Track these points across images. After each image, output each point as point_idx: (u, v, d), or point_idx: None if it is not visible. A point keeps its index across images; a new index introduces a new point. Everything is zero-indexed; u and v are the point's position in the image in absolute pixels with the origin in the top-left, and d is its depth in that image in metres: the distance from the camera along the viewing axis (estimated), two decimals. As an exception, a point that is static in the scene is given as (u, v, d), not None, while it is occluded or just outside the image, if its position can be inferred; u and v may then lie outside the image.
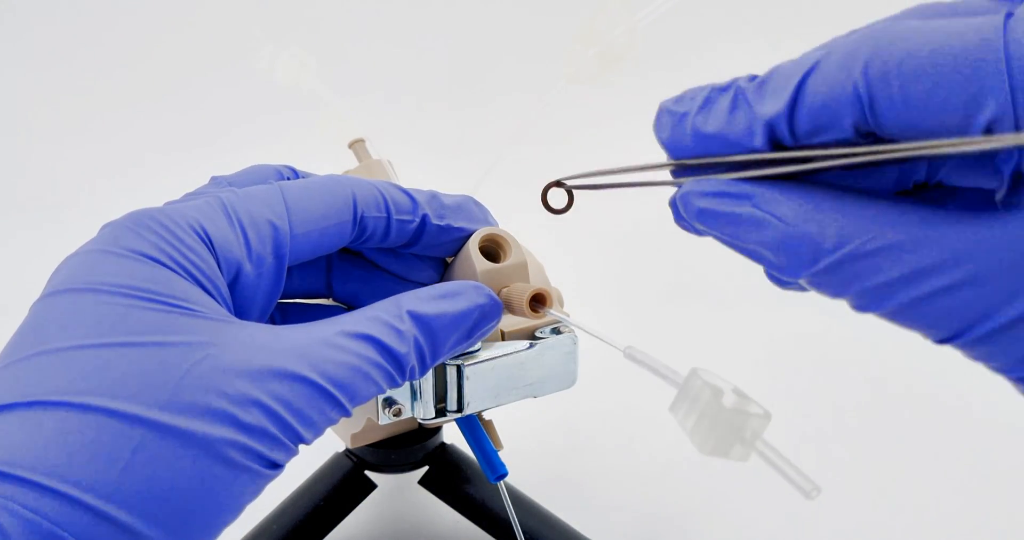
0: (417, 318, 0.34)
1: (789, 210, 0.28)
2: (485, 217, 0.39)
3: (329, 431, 0.44)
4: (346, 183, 0.37)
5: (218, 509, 0.29)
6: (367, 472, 0.50)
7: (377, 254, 0.40)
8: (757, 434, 0.29)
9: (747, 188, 0.29)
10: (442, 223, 0.38)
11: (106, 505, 0.28)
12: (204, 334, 0.31)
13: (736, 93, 0.29)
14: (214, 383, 0.30)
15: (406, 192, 0.38)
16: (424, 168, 0.70)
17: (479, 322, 0.36)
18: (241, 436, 0.30)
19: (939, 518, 0.56)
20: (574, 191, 0.36)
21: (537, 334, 0.42)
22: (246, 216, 0.34)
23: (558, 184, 0.36)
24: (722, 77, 0.30)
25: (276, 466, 0.31)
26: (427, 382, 0.40)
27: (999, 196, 0.27)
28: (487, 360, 0.41)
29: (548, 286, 0.39)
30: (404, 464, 0.50)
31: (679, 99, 0.31)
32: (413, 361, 0.34)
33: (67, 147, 0.93)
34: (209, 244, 0.33)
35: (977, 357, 0.27)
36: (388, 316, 0.34)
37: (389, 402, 0.42)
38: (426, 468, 0.51)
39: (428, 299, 0.35)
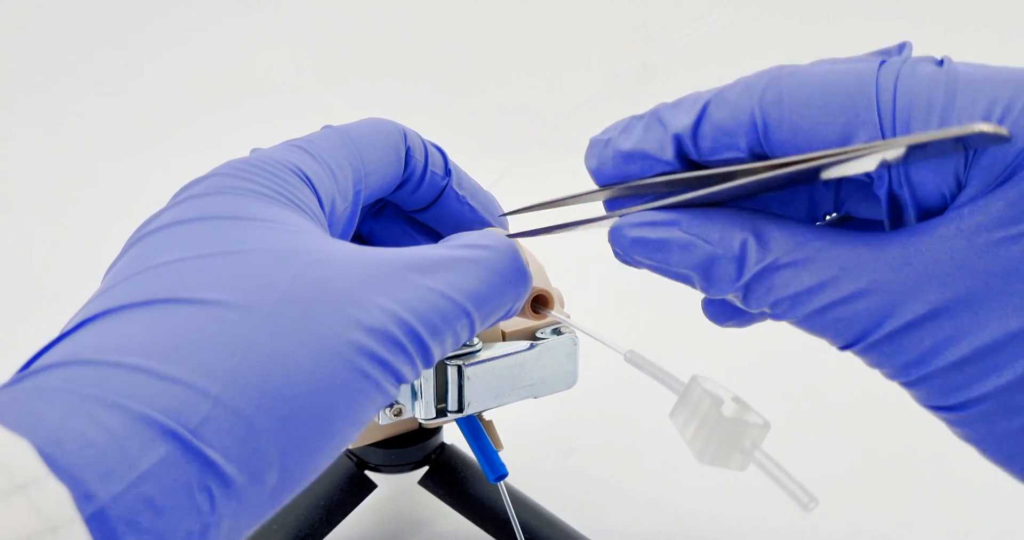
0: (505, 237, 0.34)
1: (713, 232, 0.31)
2: (503, 219, 0.40)
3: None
4: (395, 123, 0.37)
5: (335, 413, 0.27)
6: (367, 472, 0.50)
7: (385, 236, 0.40)
8: (756, 444, 0.29)
9: (673, 216, 0.32)
10: (461, 193, 0.39)
11: (224, 391, 0.25)
12: (318, 245, 0.29)
13: (652, 114, 0.32)
14: (332, 283, 0.28)
15: (438, 148, 0.39)
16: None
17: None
18: (363, 336, 0.28)
19: (942, 532, 0.56)
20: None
21: (538, 335, 0.43)
22: (328, 156, 0.34)
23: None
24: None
25: (397, 379, 0.29)
26: (428, 382, 0.41)
27: (886, 221, 0.30)
28: (488, 360, 0.41)
29: (549, 287, 0.39)
30: (404, 464, 0.50)
31: (605, 130, 0.34)
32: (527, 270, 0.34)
33: (53, 140, 0.93)
34: (307, 181, 0.33)
35: (872, 364, 0.30)
36: (487, 233, 0.34)
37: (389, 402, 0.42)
38: (426, 468, 0.51)
39: (490, 231, 0.35)
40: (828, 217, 0.35)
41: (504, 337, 0.42)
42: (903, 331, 0.29)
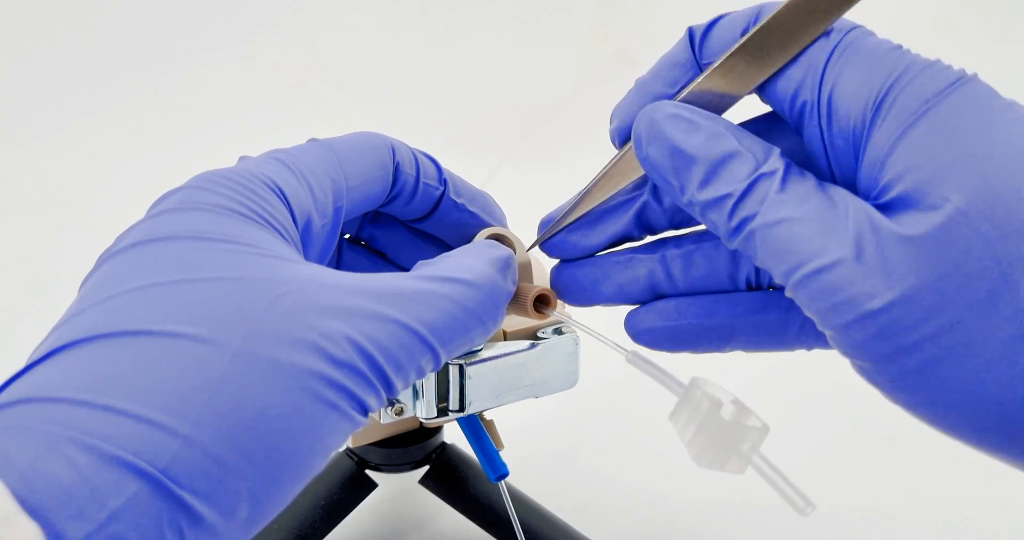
0: (492, 263, 0.34)
1: (744, 136, 0.32)
2: (502, 217, 0.40)
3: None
4: (383, 137, 0.37)
5: (305, 446, 0.28)
6: (368, 471, 0.50)
7: (386, 241, 0.40)
8: (755, 447, 0.29)
9: (713, 115, 0.33)
10: (459, 200, 0.38)
11: (193, 430, 0.26)
12: (288, 273, 0.29)
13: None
14: (300, 316, 0.28)
15: (431, 158, 0.38)
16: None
17: (514, 267, 0.36)
18: (330, 369, 0.28)
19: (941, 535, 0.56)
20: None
21: (539, 334, 0.42)
22: (307, 170, 0.34)
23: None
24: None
25: (364, 410, 0.29)
26: (429, 381, 0.41)
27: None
28: (489, 360, 0.41)
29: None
30: (405, 463, 0.50)
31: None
32: (504, 305, 0.34)
33: (52, 143, 0.93)
34: (282, 196, 0.33)
35: (803, 302, 0.30)
36: (466, 261, 0.33)
37: (391, 401, 0.42)
38: (427, 467, 0.51)
39: (483, 249, 0.35)
40: None
41: (505, 336, 0.42)
42: (831, 268, 0.29)
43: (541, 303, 0.37)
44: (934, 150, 0.29)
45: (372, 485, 0.50)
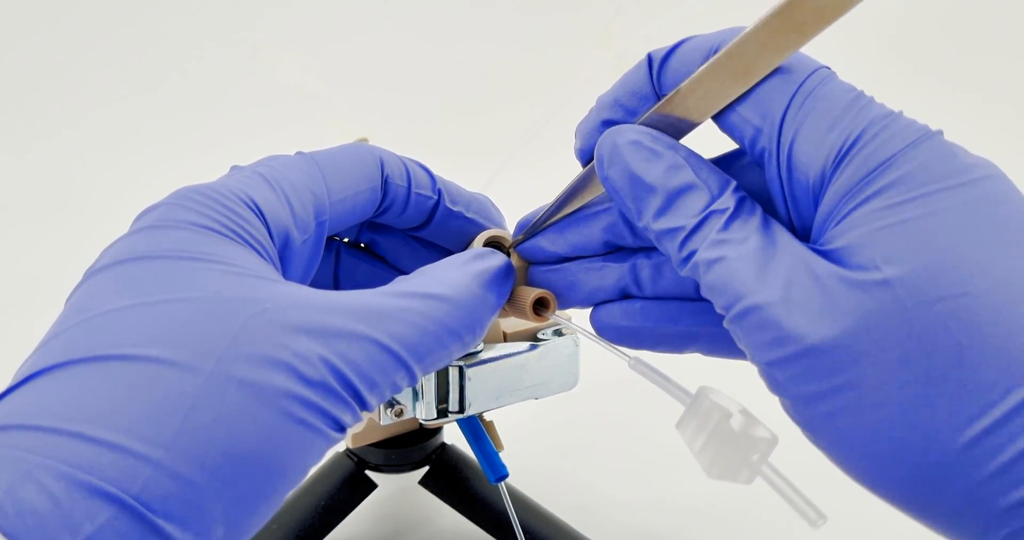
0: (475, 276, 0.34)
1: (702, 169, 0.32)
2: (500, 220, 0.40)
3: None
4: (372, 149, 0.37)
5: (279, 466, 0.28)
6: (368, 472, 0.50)
7: (386, 246, 0.40)
8: (764, 458, 0.29)
9: (676, 144, 0.33)
10: (455, 208, 0.39)
11: (165, 455, 0.26)
12: (262, 292, 0.29)
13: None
14: (273, 336, 0.28)
15: (424, 168, 0.38)
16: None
17: (507, 276, 0.36)
18: (303, 389, 0.28)
19: None
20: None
21: (539, 336, 0.43)
22: (288, 185, 0.34)
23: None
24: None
25: (340, 427, 0.29)
26: (429, 382, 0.41)
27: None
28: (489, 361, 0.41)
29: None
30: (405, 464, 0.50)
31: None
32: (488, 318, 0.34)
33: (58, 144, 0.93)
34: (259, 212, 0.33)
35: (736, 338, 0.31)
36: (447, 274, 0.33)
37: (391, 402, 0.42)
38: (427, 468, 0.51)
39: (468, 261, 0.35)
40: None
41: (506, 338, 0.42)
42: (758, 308, 0.29)
43: (540, 306, 0.37)
44: (878, 214, 0.29)
45: (372, 485, 0.50)
